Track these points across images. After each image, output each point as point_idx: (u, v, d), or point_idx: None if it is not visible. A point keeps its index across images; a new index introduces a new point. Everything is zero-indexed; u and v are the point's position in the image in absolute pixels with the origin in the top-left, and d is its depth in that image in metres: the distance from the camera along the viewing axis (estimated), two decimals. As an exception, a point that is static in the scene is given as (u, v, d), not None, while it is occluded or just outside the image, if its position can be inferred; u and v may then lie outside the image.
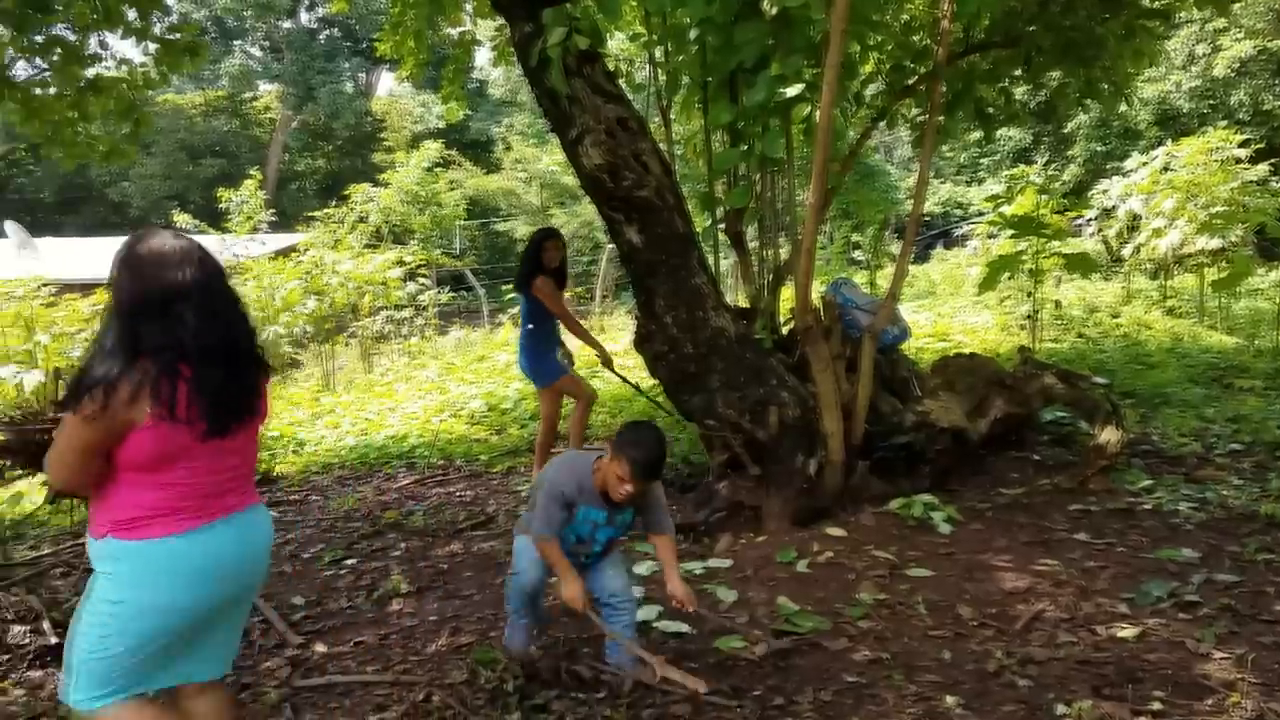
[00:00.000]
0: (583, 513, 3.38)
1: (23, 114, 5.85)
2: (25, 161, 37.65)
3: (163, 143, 34.37)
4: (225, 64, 36.94)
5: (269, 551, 2.58)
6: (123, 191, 35.45)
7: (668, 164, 4.67)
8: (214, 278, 2.36)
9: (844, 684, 3.33)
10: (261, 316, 13.33)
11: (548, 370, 6.22)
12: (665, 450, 3.30)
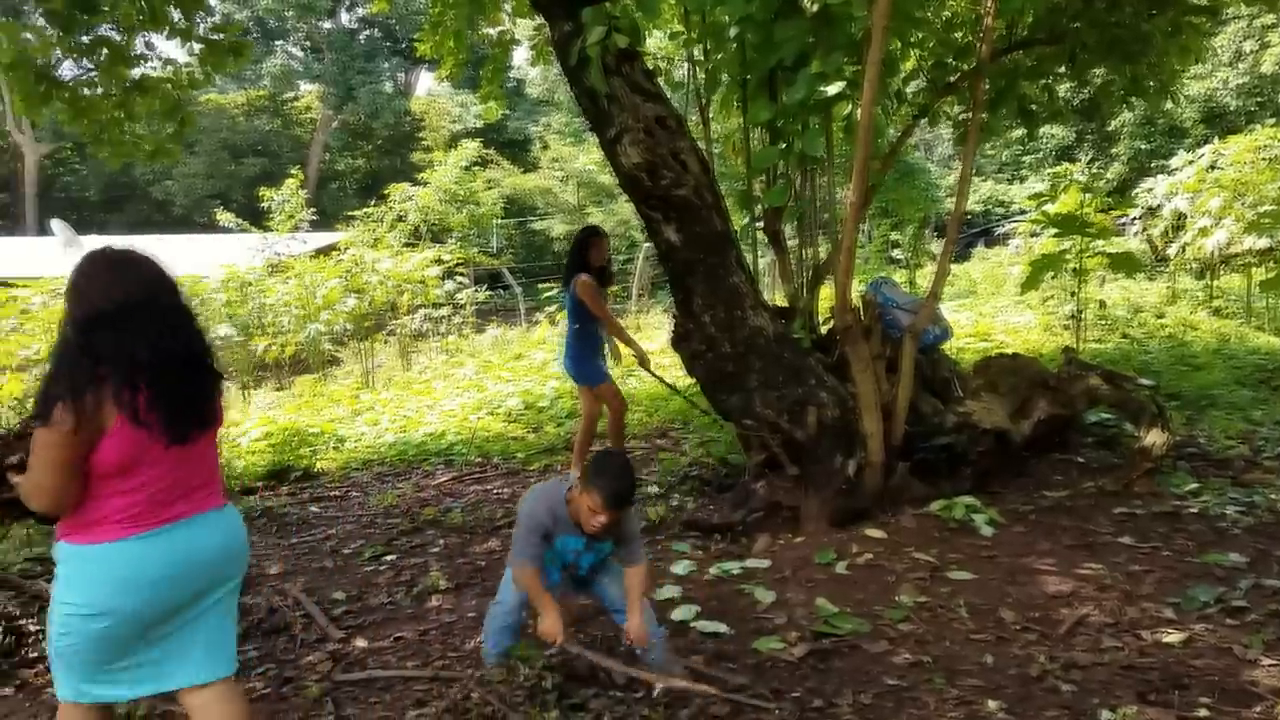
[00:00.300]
0: (561, 542, 3.39)
1: (70, 113, 5.95)
2: (71, 160, 38.36)
3: (205, 142, 34.83)
4: (267, 64, 37.38)
5: (231, 553, 2.59)
6: (166, 190, 35.98)
7: (706, 162, 4.65)
8: (165, 293, 2.46)
9: (884, 687, 3.30)
10: (302, 314, 13.48)
11: (591, 371, 6.24)
12: (633, 479, 3.32)
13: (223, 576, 2.59)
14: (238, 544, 2.63)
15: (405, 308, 14.62)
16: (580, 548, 3.42)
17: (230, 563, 2.60)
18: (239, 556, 2.64)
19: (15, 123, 33.27)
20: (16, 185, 35.90)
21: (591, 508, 3.17)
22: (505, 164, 25.36)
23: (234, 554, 2.61)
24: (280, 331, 13.63)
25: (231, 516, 2.64)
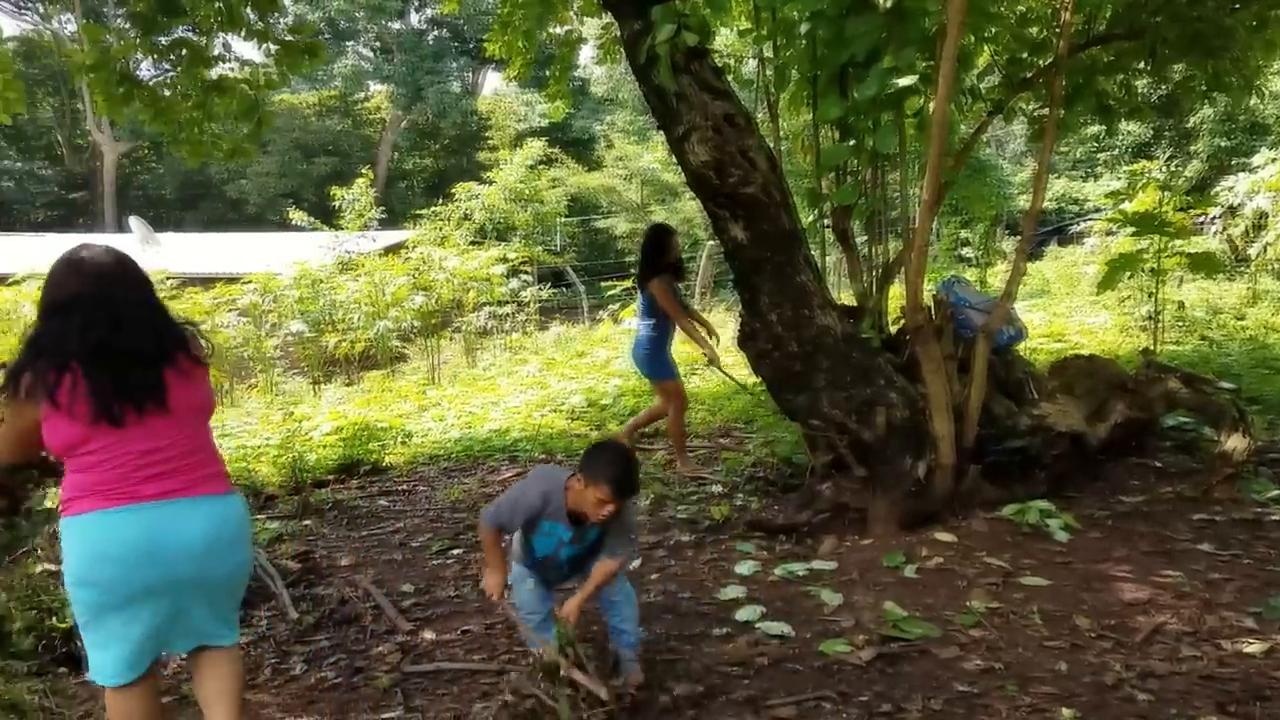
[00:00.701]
0: (547, 527, 3.39)
1: (150, 113, 6.11)
2: (148, 159, 39.48)
3: (278, 142, 35.59)
4: (338, 65, 38.06)
5: (218, 543, 2.65)
6: (240, 189, 36.85)
7: (775, 160, 4.62)
8: (118, 288, 2.62)
9: (954, 693, 3.24)
10: (371, 311, 13.71)
11: (659, 367, 6.39)
12: (636, 466, 3.34)
13: (210, 568, 2.66)
14: (227, 535, 2.69)
15: (470, 305, 14.79)
16: (566, 539, 3.42)
17: (216, 555, 2.66)
18: (227, 549, 2.69)
19: (95, 122, 34.40)
20: (96, 184, 37.08)
21: (600, 499, 3.18)
22: (570, 163, 25.50)
23: (221, 544, 2.67)
24: (350, 328, 13.89)
25: (225, 506, 2.72)
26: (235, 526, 2.72)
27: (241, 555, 2.77)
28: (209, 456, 2.73)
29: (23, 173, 37.64)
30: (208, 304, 13.09)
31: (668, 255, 6.25)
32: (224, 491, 2.73)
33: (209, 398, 2.78)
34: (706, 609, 4.16)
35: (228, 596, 2.80)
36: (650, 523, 5.43)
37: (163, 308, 2.74)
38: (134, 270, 2.72)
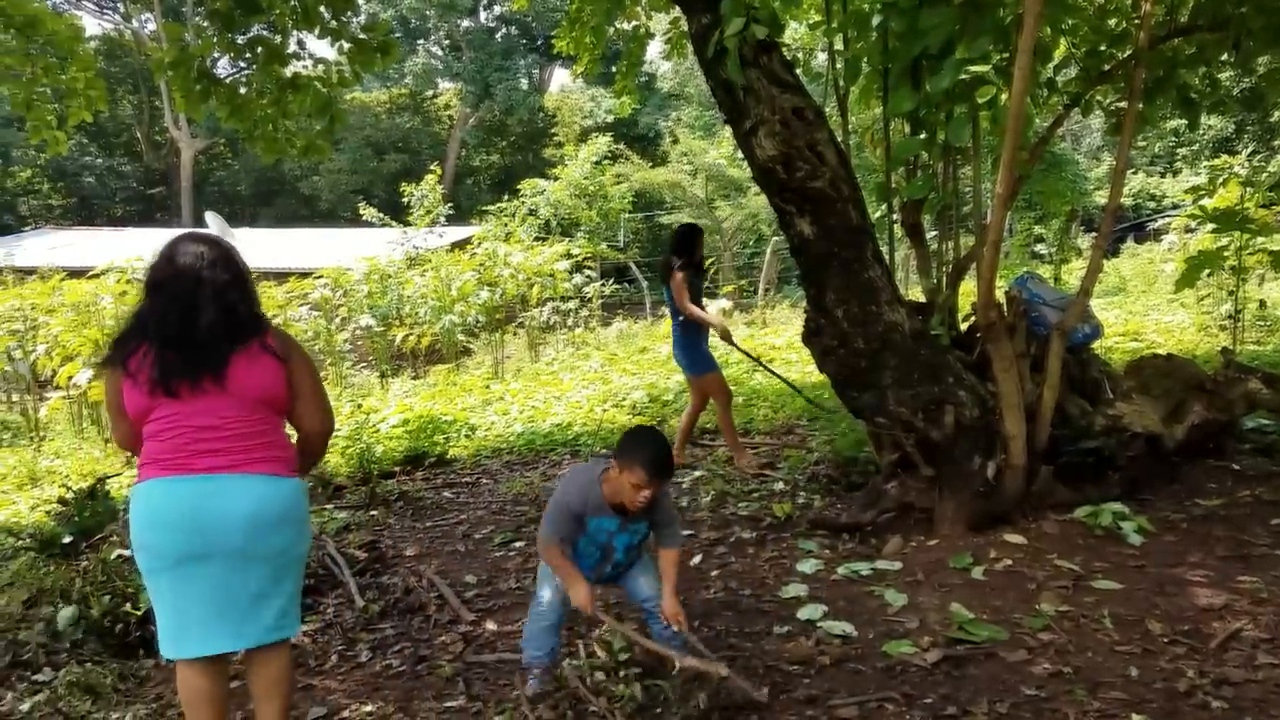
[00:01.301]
0: (595, 524, 3.37)
1: (227, 110, 6.25)
2: (224, 156, 40.45)
3: (350, 139, 36.21)
4: (409, 63, 38.56)
5: (258, 521, 2.74)
6: (313, 185, 37.57)
7: (844, 154, 4.55)
8: (195, 272, 2.77)
9: (1022, 697, 3.17)
10: (438, 306, 13.87)
11: (697, 359, 6.52)
12: (669, 446, 3.31)
13: (254, 544, 2.74)
14: (270, 514, 2.77)
15: (535, 300, 14.89)
16: (614, 528, 3.39)
17: (260, 531, 2.74)
18: (271, 528, 2.77)
19: (173, 119, 35.33)
20: (174, 180, 38.08)
21: (635, 484, 3.16)
22: (635, 158, 25.49)
23: (264, 522, 2.75)
24: (417, 322, 14.08)
25: (273, 487, 2.79)
26: (280, 507, 2.79)
27: (285, 537, 2.82)
28: (269, 441, 2.82)
29: (104, 168, 38.84)
30: (281, 298, 13.36)
31: (695, 254, 6.44)
32: (277, 474, 2.81)
33: (278, 388, 2.84)
34: (768, 606, 4.13)
35: (275, 581, 2.83)
36: (711, 519, 5.41)
37: (248, 298, 2.85)
38: (227, 259, 2.85)
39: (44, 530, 5.71)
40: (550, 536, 3.32)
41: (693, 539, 5.13)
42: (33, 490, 7.99)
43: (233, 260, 2.87)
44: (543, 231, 19.24)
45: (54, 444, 10.63)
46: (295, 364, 2.88)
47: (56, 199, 38.60)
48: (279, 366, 2.83)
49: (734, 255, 24.24)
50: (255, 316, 2.85)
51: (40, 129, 7.15)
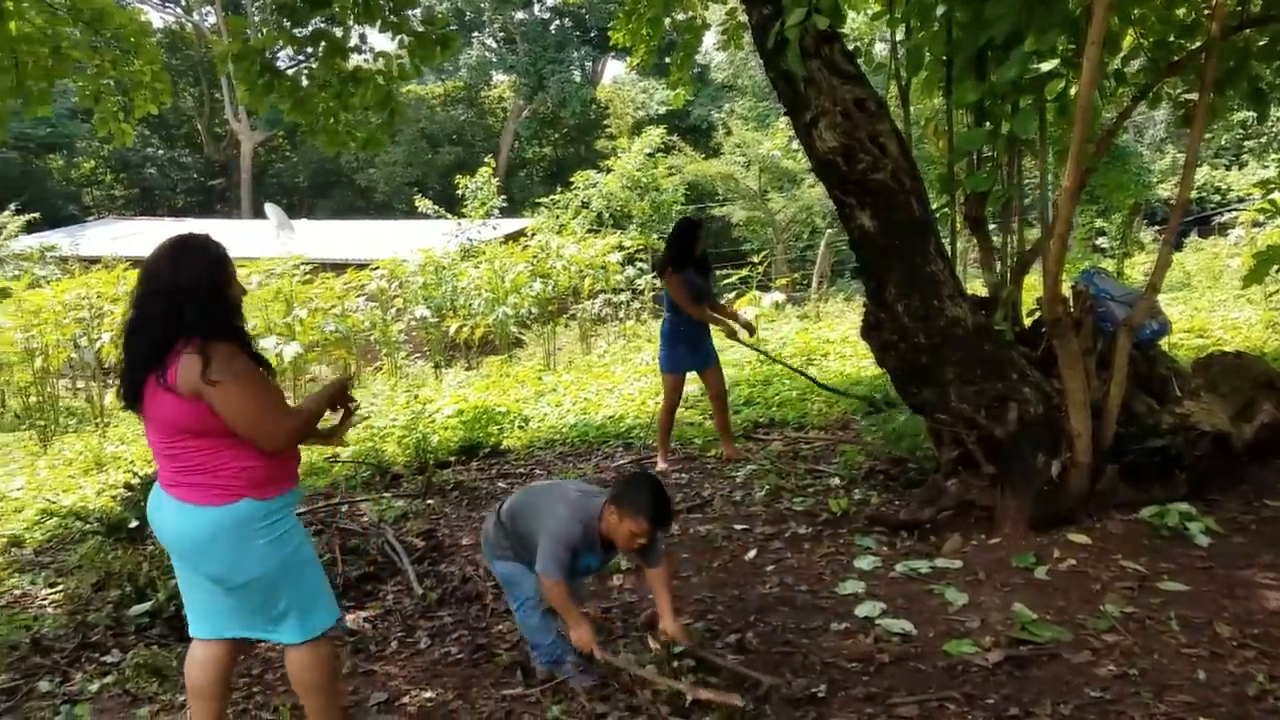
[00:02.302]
0: (584, 560, 3.47)
1: (289, 103, 6.33)
2: (283, 148, 41.07)
3: (406, 132, 36.56)
4: (464, 56, 38.81)
5: (182, 541, 2.79)
6: (369, 178, 38.02)
7: (906, 146, 4.48)
8: (147, 279, 2.76)
9: (1086, 699, 3.12)
10: (492, 298, 13.97)
11: (664, 358, 6.63)
12: (668, 496, 3.42)
13: (191, 562, 2.83)
14: (190, 544, 2.78)
15: (587, 292, 14.92)
16: (596, 565, 3.58)
17: (188, 555, 2.81)
18: (195, 554, 2.79)
19: (233, 112, 35.93)
20: (234, 171, 38.76)
21: (635, 531, 3.28)
22: (688, 150, 25.40)
23: (187, 548, 2.80)
24: (471, 314, 14.19)
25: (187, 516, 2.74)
26: (195, 536, 2.74)
27: (213, 566, 2.77)
28: (189, 467, 2.72)
29: (165, 160, 39.69)
30: (339, 289, 13.54)
31: (692, 250, 6.37)
32: (194, 501, 2.72)
33: (186, 420, 2.68)
34: (824, 603, 4.11)
35: (240, 596, 2.84)
36: (766, 514, 5.38)
37: (169, 316, 2.68)
38: (158, 268, 2.75)
39: (110, 515, 5.85)
40: (557, 574, 3.33)
41: (747, 533, 5.11)
42: (98, 475, 8.19)
43: (158, 273, 2.73)
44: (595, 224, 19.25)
45: (119, 430, 10.88)
46: (215, 395, 2.64)
47: (120, 190, 39.53)
48: (179, 401, 2.65)
49: (787, 248, 24.05)
50: (162, 344, 2.68)
51: (107, 120, 7.31)
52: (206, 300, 2.70)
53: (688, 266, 6.33)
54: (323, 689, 2.97)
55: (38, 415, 11.41)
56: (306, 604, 2.88)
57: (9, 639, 4.32)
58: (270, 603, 2.84)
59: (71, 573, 5.31)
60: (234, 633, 2.94)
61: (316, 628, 2.90)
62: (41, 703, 3.86)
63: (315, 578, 2.94)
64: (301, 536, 2.92)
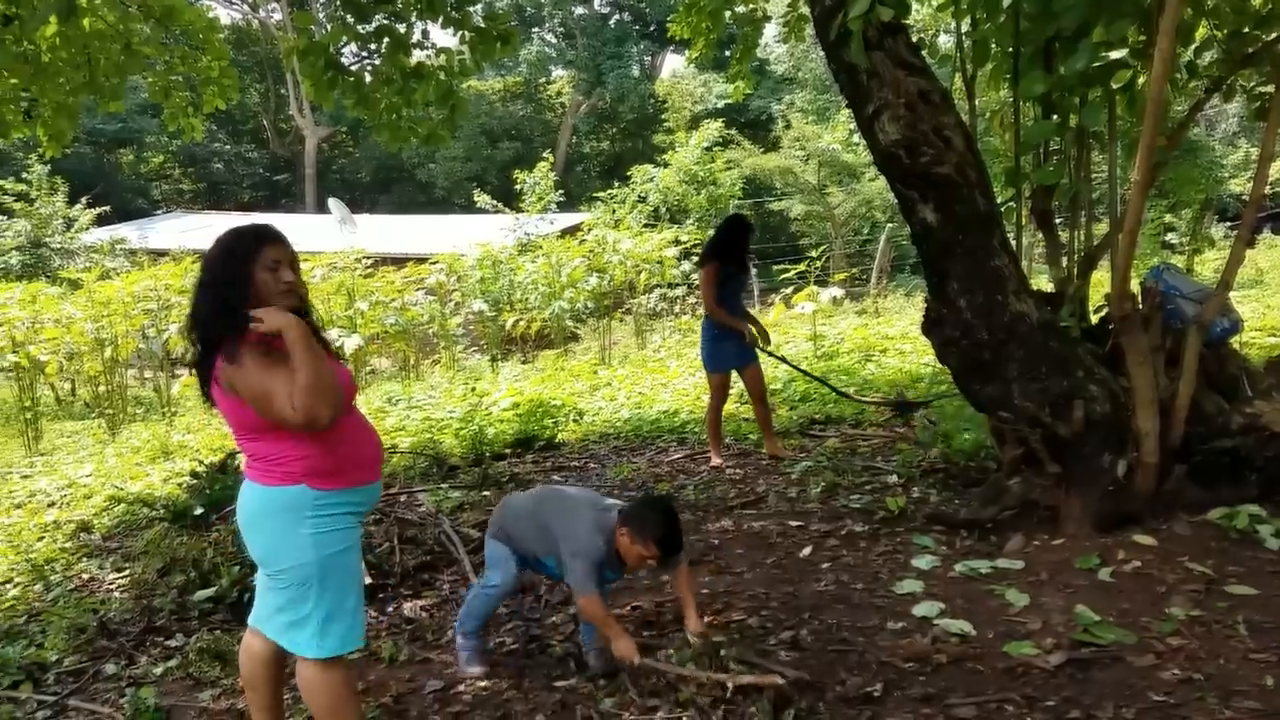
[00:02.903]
0: (605, 574, 3.55)
1: (354, 99, 6.42)
2: (345, 144, 41.69)
3: (465, 127, 36.85)
4: (524, 51, 39.04)
5: (240, 519, 2.87)
6: (429, 173, 38.44)
7: (971, 139, 4.41)
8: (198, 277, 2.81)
9: (1150, 702, 3.04)
10: (548, 292, 14.04)
11: (706, 356, 6.59)
12: (679, 522, 3.50)
13: (243, 533, 2.89)
14: (241, 519, 2.86)
15: (642, 287, 14.92)
16: (614, 579, 3.66)
17: (240, 528, 2.89)
18: (243, 530, 2.87)
19: (297, 107, 36.54)
20: (298, 166, 39.42)
21: (644, 555, 3.38)
22: (746, 144, 25.28)
23: (240, 522, 2.87)
24: (528, 308, 14.28)
25: (244, 492, 2.85)
26: (244, 511, 2.84)
27: (256, 544, 2.83)
28: (252, 451, 2.79)
29: (232, 155, 40.52)
30: (399, 283, 13.71)
31: (738, 247, 6.43)
32: (252, 479, 2.81)
33: (236, 414, 2.73)
34: (881, 602, 4.06)
35: (275, 585, 2.84)
36: (822, 511, 5.34)
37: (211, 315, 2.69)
38: (208, 251, 2.80)
39: (176, 502, 6.00)
40: (592, 590, 3.41)
41: (802, 530, 5.07)
42: (165, 463, 8.38)
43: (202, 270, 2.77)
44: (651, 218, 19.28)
45: (185, 419, 11.13)
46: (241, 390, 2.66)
47: (187, 184, 40.46)
48: (226, 399, 2.70)
49: (846, 243, 23.83)
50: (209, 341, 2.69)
51: (176, 116, 7.48)
52: (222, 294, 2.69)
53: (728, 262, 6.35)
54: (340, 713, 2.86)
55: (106, 404, 11.71)
56: (331, 616, 2.79)
57: (77, 622, 4.44)
58: (298, 601, 2.78)
59: (138, 558, 5.45)
60: (267, 631, 2.91)
61: (334, 648, 2.80)
62: (108, 684, 3.97)
63: (350, 592, 2.85)
64: (351, 545, 2.85)
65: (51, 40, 6.31)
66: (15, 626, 4.60)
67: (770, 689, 3.14)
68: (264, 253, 2.71)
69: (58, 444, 10.50)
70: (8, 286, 12.26)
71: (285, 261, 2.76)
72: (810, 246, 17.19)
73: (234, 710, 3.60)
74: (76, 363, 12.07)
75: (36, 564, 5.55)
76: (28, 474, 8.64)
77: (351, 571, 2.87)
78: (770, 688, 3.14)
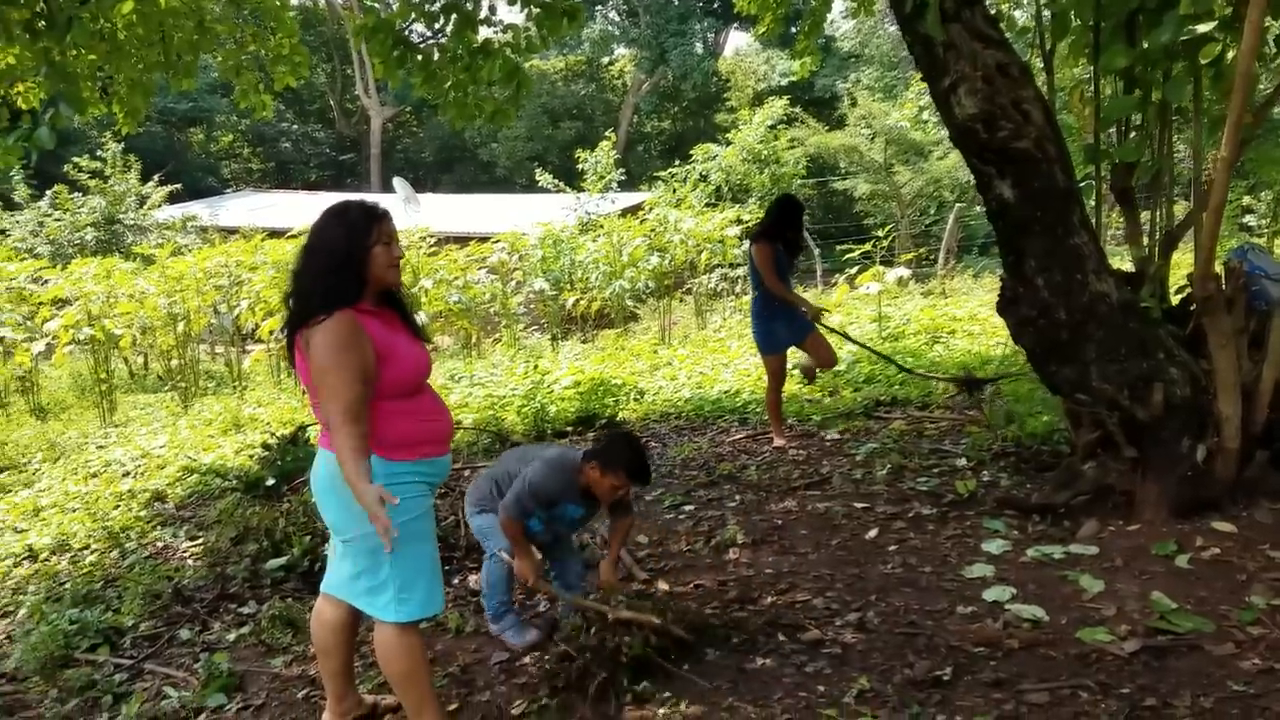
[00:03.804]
0: (564, 509, 3.76)
1: (421, 77, 6.45)
2: (410, 124, 42.06)
3: (527, 106, 36.88)
4: (587, 29, 38.89)
5: (314, 486, 2.96)
6: (491, 152, 38.63)
7: (1051, 113, 4.28)
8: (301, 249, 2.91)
9: (1229, 692, 2.97)
10: (609, 271, 14.04)
11: (761, 337, 6.56)
12: (647, 453, 3.79)
13: (317, 501, 2.97)
14: (314, 486, 2.94)
15: (703, 266, 14.84)
16: (579, 515, 3.84)
17: (314, 495, 2.97)
18: (316, 496, 2.94)
19: (363, 87, 36.94)
20: (364, 146, 39.87)
21: (615, 485, 3.59)
22: (810, 121, 24.95)
23: (314, 489, 2.95)
24: (588, 287, 14.29)
25: (319, 456, 2.92)
26: (320, 478, 2.90)
27: (330, 511, 2.91)
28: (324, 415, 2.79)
29: (299, 135, 41.15)
30: (462, 261, 13.81)
31: (790, 227, 6.36)
32: (327, 447, 2.85)
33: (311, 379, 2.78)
34: (950, 585, 4.00)
35: (350, 553, 2.91)
36: (888, 493, 5.28)
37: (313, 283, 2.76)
38: (307, 241, 2.89)
39: (249, 473, 6.13)
40: (517, 515, 3.63)
41: (868, 512, 5.02)
42: (236, 435, 8.56)
43: (308, 242, 2.87)
44: (713, 197, 19.14)
45: (255, 393, 11.37)
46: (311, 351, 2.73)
47: (256, 163, 41.19)
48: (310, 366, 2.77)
49: (912, 223, 23.45)
50: (302, 309, 2.77)
51: (248, 93, 7.59)
52: (336, 267, 2.76)
53: (778, 241, 6.30)
54: (415, 680, 2.94)
55: (179, 377, 11.99)
56: (408, 583, 2.85)
57: (153, 588, 4.57)
58: (373, 568, 2.84)
59: (211, 527, 5.58)
60: (344, 595, 2.99)
61: (413, 612, 2.86)
62: (182, 649, 4.08)
63: (426, 560, 2.92)
64: (424, 513, 2.91)
65: (127, 18, 6.43)
66: (93, 592, 4.74)
67: (648, 627, 3.36)
68: (378, 228, 2.84)
69: (132, 416, 10.78)
70: (83, 262, 12.58)
71: (394, 238, 2.90)
72: (875, 227, 16.95)
73: (305, 676, 3.68)
74: (150, 337, 12.37)
75: (113, 531, 5.72)
76: (103, 444, 8.88)
77: (425, 539, 2.92)
78: (648, 625, 3.36)
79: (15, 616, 4.63)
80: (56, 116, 5.19)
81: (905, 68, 26.88)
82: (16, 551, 5.65)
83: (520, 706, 3.27)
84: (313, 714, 3.37)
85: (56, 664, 3.90)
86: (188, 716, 3.47)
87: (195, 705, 3.51)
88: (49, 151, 5.34)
